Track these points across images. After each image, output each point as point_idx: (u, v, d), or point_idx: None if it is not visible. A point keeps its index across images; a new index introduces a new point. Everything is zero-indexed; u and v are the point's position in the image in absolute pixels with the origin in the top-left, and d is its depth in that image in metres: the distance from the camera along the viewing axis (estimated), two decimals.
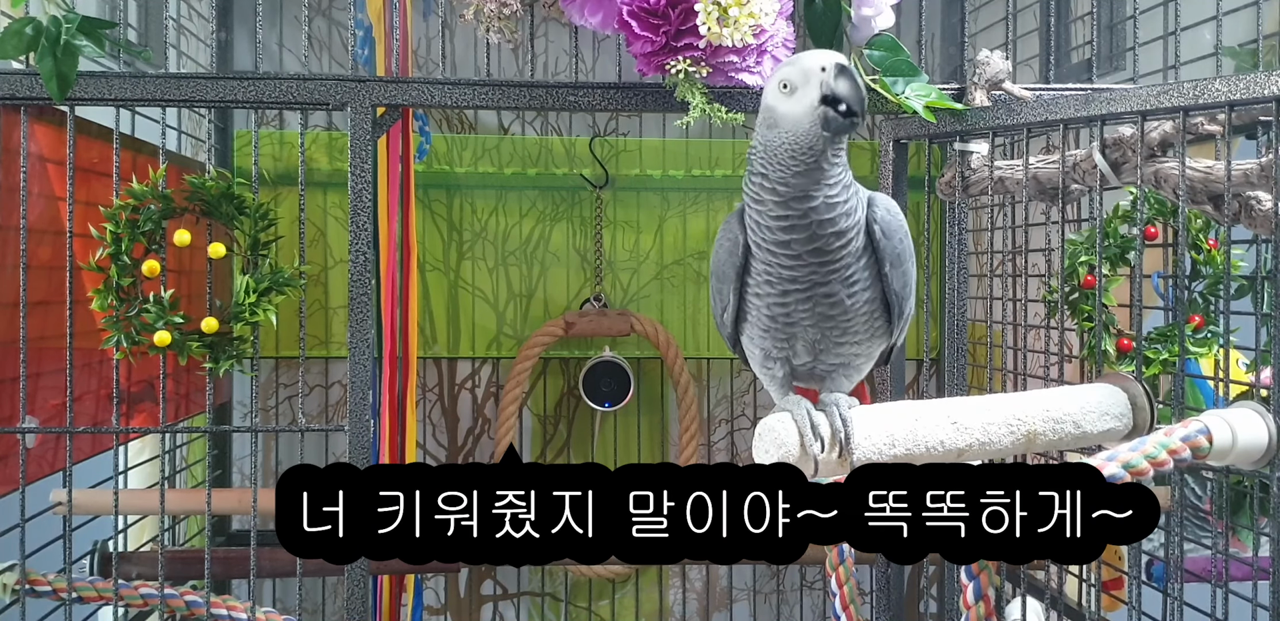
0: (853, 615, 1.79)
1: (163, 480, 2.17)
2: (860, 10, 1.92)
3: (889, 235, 1.49)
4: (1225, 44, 2.01)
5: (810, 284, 1.46)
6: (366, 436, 2.01)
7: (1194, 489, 2.25)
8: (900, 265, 1.51)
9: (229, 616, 2.17)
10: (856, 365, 1.57)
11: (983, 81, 1.98)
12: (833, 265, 1.45)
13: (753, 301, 1.53)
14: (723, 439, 3.50)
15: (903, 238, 1.51)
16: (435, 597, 3.44)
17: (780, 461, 1.37)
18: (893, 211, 1.51)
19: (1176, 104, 1.63)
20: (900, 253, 1.50)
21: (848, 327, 1.50)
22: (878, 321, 1.53)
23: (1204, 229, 2.05)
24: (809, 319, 1.49)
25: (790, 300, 1.48)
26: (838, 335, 1.51)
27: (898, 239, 1.50)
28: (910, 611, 3.41)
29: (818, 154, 1.41)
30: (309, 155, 3.25)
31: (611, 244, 3.41)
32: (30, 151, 1.95)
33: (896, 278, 1.50)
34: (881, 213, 1.49)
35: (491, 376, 3.45)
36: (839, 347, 1.52)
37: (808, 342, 1.52)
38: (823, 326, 1.50)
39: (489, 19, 2.02)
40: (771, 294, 1.49)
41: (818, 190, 1.42)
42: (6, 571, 2.07)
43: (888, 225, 1.49)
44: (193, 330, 1.96)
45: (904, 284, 1.52)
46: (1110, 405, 1.52)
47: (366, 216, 2.01)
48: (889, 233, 1.49)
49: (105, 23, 1.88)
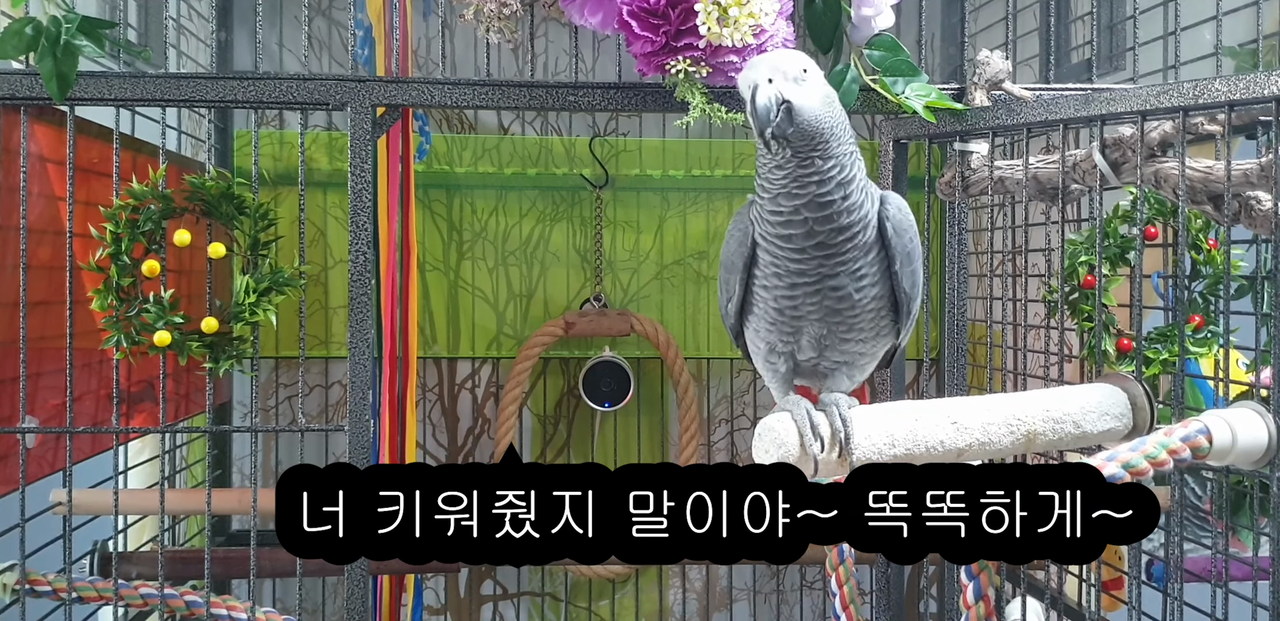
0: (853, 615, 1.79)
1: (163, 480, 2.17)
2: (860, 10, 1.92)
3: (899, 233, 1.50)
4: (1225, 44, 2.01)
5: (819, 276, 1.47)
6: (366, 436, 2.01)
7: (1194, 489, 2.25)
8: (910, 263, 1.52)
9: (229, 616, 2.17)
10: (860, 364, 1.58)
11: (983, 81, 1.98)
12: (839, 257, 1.46)
13: (760, 293, 1.54)
14: (723, 439, 3.50)
15: (913, 237, 1.53)
16: (435, 597, 3.44)
17: (780, 461, 1.37)
18: (904, 210, 1.53)
19: (1176, 104, 1.63)
20: (910, 251, 1.52)
21: (854, 323, 1.51)
22: (884, 319, 1.54)
23: (1204, 229, 2.05)
24: (816, 313, 1.50)
25: (798, 293, 1.49)
26: (844, 330, 1.52)
27: (908, 237, 1.52)
28: (910, 611, 3.41)
29: (776, 154, 1.43)
30: (309, 155, 3.25)
31: (611, 244, 3.41)
32: (30, 151, 1.95)
33: (906, 276, 1.52)
34: (893, 211, 1.51)
35: (491, 376, 3.45)
36: (844, 344, 1.53)
37: (813, 337, 1.53)
38: (829, 320, 1.50)
39: (489, 19, 2.02)
40: (779, 286, 1.50)
41: (803, 189, 1.43)
42: (6, 571, 2.07)
43: (899, 224, 1.51)
44: (193, 330, 1.96)
45: (913, 283, 1.53)
46: (1110, 405, 1.52)
47: (366, 216, 2.01)
48: (900, 231, 1.51)
49: (105, 23, 1.88)
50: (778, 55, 1.45)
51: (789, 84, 1.41)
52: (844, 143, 1.46)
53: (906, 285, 1.52)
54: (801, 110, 1.41)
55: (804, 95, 1.42)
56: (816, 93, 1.44)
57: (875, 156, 2.28)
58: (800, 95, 1.41)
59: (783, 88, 1.40)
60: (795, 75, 1.42)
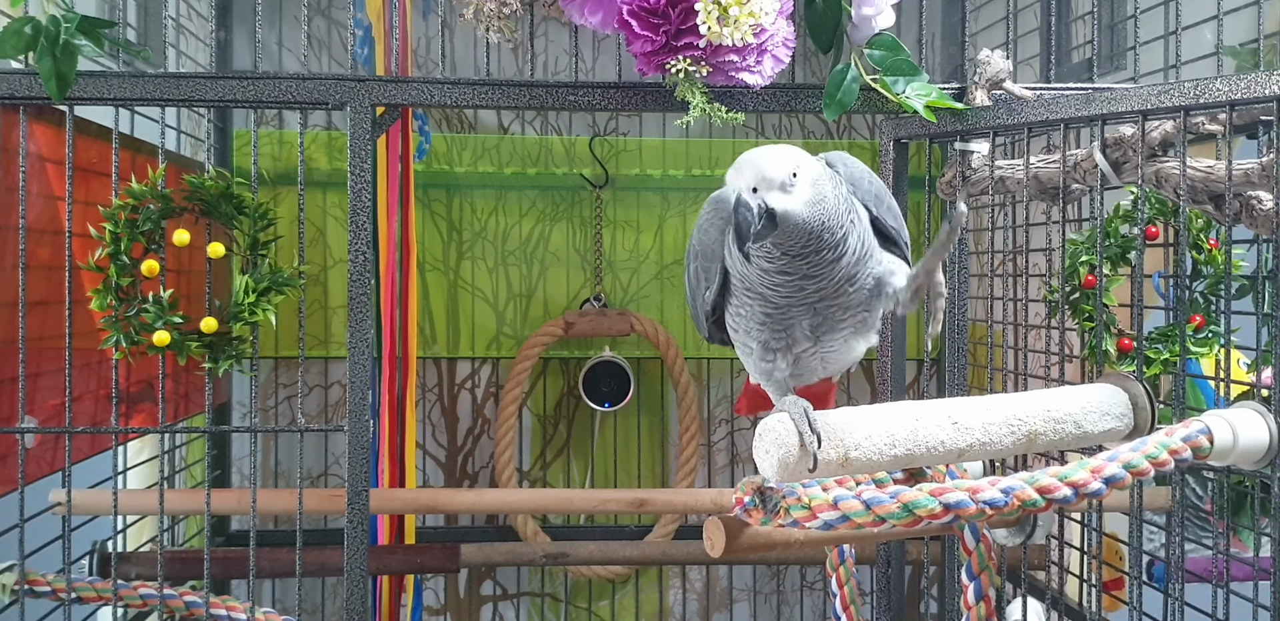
0: (853, 615, 1.78)
1: (162, 480, 2.17)
2: (861, 9, 1.92)
3: (857, 184, 1.47)
4: (1226, 43, 2.01)
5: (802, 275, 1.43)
6: (366, 436, 2.01)
7: (1195, 489, 2.25)
8: (883, 202, 1.49)
9: (228, 616, 2.17)
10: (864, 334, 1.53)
11: (983, 81, 1.98)
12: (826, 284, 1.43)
13: (744, 297, 1.49)
14: (723, 439, 3.50)
15: (870, 179, 1.50)
16: (435, 598, 3.44)
17: (780, 461, 1.37)
18: (850, 163, 1.49)
19: (1177, 103, 1.63)
20: (877, 193, 1.49)
21: (848, 305, 1.47)
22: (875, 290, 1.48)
23: (1205, 228, 2.05)
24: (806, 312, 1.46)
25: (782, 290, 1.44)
26: (838, 314, 1.47)
27: (866, 182, 1.49)
28: (911, 612, 3.41)
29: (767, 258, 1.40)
30: (308, 155, 3.25)
31: (611, 244, 3.41)
32: (29, 151, 1.94)
33: (886, 217, 1.49)
34: (841, 168, 1.48)
35: (491, 376, 3.45)
36: (841, 323, 1.49)
37: (806, 328, 1.48)
38: (819, 306, 1.46)
39: (489, 18, 2.02)
40: (762, 286, 1.46)
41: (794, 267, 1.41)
42: (6, 571, 2.07)
43: (851, 176, 1.48)
44: (192, 330, 1.96)
45: (894, 215, 1.51)
46: (1111, 405, 1.52)
47: (366, 216, 2.01)
48: (856, 181, 1.48)
49: (104, 22, 1.88)
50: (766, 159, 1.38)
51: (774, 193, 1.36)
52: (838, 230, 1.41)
53: (891, 223, 1.50)
54: (787, 217, 1.36)
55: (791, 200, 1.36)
56: (804, 191, 1.38)
57: (875, 156, 2.28)
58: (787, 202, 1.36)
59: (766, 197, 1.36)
60: (783, 180, 1.36)
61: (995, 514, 1.34)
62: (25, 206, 1.93)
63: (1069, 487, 1.35)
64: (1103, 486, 1.36)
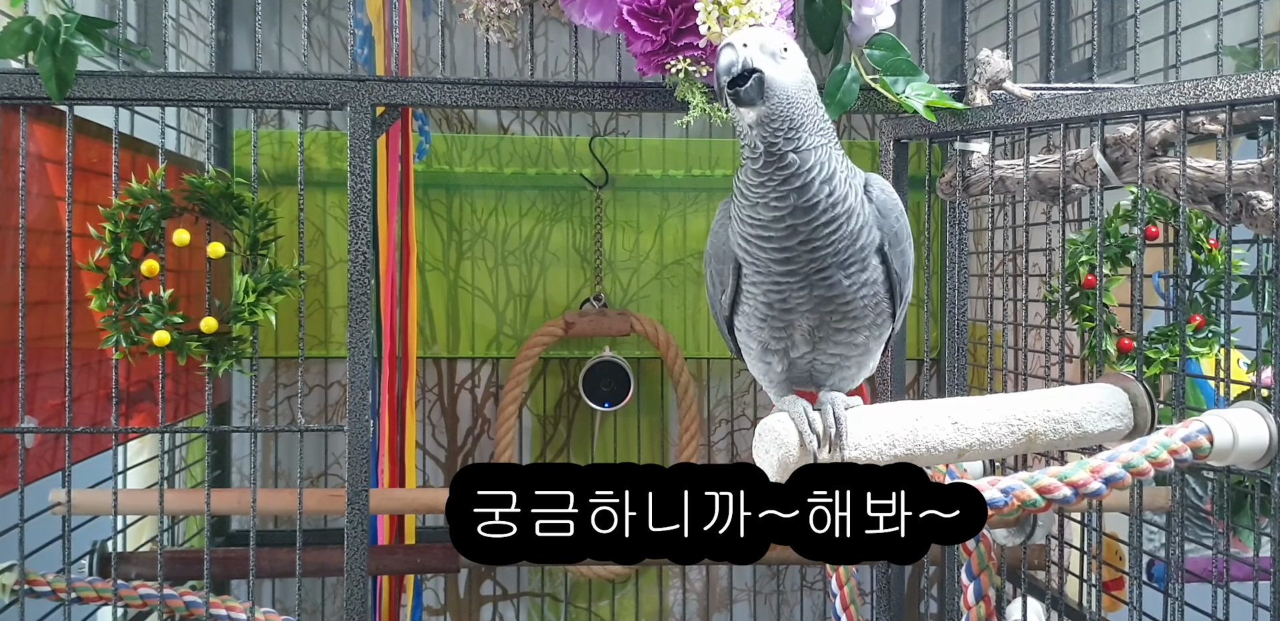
0: (853, 615, 1.79)
1: (162, 480, 2.17)
2: (860, 9, 1.92)
3: (885, 214, 1.47)
4: (1226, 43, 2.01)
5: (806, 273, 1.43)
6: (366, 436, 2.01)
7: (1195, 489, 2.25)
8: (898, 244, 1.48)
9: (228, 617, 2.17)
10: (856, 358, 1.53)
11: (983, 81, 1.98)
12: (826, 249, 1.42)
13: (749, 289, 1.50)
14: (723, 439, 3.50)
15: (899, 216, 1.49)
16: (435, 598, 3.43)
17: (780, 460, 1.37)
18: (887, 191, 1.49)
19: (1177, 103, 1.63)
20: (898, 231, 1.48)
21: (847, 311, 1.47)
22: (881, 306, 1.49)
23: (1205, 228, 2.05)
24: (806, 304, 1.45)
25: (785, 287, 1.43)
26: (837, 319, 1.47)
27: (894, 217, 1.48)
28: (911, 612, 3.41)
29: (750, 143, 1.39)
30: (308, 155, 3.25)
31: (611, 244, 3.41)
32: (29, 151, 1.94)
33: (896, 257, 1.48)
34: (877, 192, 1.47)
35: (491, 376, 3.45)
36: (838, 334, 1.48)
37: (806, 331, 1.48)
38: (821, 310, 1.46)
39: (489, 18, 2.02)
40: (764, 282, 1.46)
41: (783, 200, 1.40)
42: (6, 571, 2.07)
43: (884, 205, 1.47)
44: (192, 330, 1.96)
45: (903, 263, 1.49)
46: (1111, 405, 1.52)
47: (366, 216, 2.01)
48: (885, 212, 1.47)
49: (104, 22, 1.88)
50: (763, 29, 1.41)
51: (765, 57, 1.37)
52: (819, 133, 1.41)
53: (897, 266, 1.48)
54: (774, 84, 1.37)
55: (780, 71, 1.37)
56: (795, 71, 1.39)
57: (875, 156, 2.28)
58: (776, 70, 1.37)
59: (755, 56, 1.36)
60: (775, 51, 1.37)
61: (995, 514, 1.34)
62: (25, 206, 1.93)
63: (1069, 487, 1.35)
64: (1102, 486, 1.36)
